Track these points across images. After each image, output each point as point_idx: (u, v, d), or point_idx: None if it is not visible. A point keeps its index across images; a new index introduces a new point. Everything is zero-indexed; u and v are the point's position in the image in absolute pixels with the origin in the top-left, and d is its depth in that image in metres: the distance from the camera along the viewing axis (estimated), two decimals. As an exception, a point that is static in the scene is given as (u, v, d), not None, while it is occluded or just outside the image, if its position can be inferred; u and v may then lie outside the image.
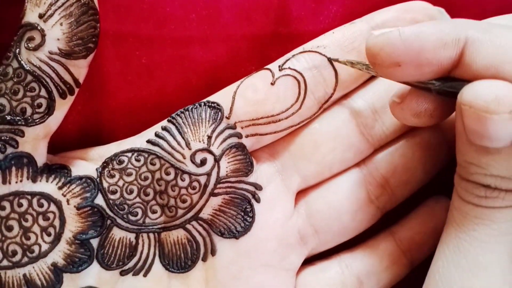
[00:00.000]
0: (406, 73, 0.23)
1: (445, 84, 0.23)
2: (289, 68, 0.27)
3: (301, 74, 0.27)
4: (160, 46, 0.29)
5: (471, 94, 0.21)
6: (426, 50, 0.22)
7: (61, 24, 0.24)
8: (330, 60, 0.27)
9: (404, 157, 0.28)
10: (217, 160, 0.27)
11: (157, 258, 0.27)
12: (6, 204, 0.24)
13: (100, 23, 0.25)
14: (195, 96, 0.29)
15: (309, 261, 0.29)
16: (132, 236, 0.27)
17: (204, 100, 0.27)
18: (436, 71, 0.23)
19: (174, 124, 0.27)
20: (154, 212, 0.27)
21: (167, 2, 0.29)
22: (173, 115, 0.27)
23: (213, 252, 0.27)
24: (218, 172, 0.27)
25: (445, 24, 0.23)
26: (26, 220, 0.25)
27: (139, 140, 0.27)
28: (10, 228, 0.24)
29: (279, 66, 0.27)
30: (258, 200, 0.28)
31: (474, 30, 0.22)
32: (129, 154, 0.27)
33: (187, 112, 0.27)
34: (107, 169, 0.26)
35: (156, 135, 0.27)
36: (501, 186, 0.22)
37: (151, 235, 0.27)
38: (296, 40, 0.30)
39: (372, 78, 0.29)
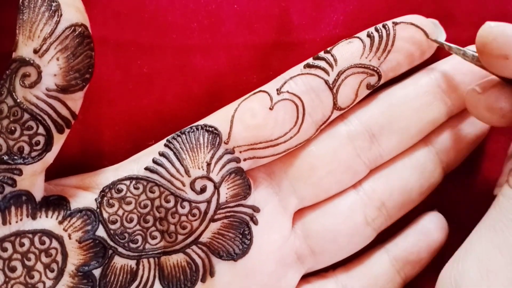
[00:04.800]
0: (511, 67, 0.23)
1: None
2: (288, 92, 0.27)
3: (299, 98, 0.27)
4: (161, 54, 0.29)
5: None
6: None
7: (57, 59, 0.23)
8: (429, 38, 0.28)
9: (400, 180, 0.29)
10: (217, 187, 0.27)
11: (157, 280, 0.27)
12: (8, 245, 0.24)
13: (100, 31, 0.24)
14: (196, 105, 0.29)
15: (304, 276, 0.30)
16: (133, 263, 0.27)
17: (201, 123, 0.27)
18: None
19: (171, 149, 0.27)
20: (154, 238, 0.27)
21: (169, 10, 0.29)
22: (169, 138, 0.27)
23: (211, 274, 0.28)
24: (218, 199, 0.27)
25: None
26: (29, 259, 0.24)
27: (136, 166, 0.27)
28: (13, 269, 0.24)
29: (277, 90, 0.27)
30: (256, 223, 0.28)
31: None
32: (128, 182, 0.26)
33: (184, 136, 0.27)
34: (106, 198, 0.26)
35: (154, 161, 0.26)
36: None
37: (151, 259, 0.27)
38: (297, 48, 0.30)
39: (366, 99, 0.29)
